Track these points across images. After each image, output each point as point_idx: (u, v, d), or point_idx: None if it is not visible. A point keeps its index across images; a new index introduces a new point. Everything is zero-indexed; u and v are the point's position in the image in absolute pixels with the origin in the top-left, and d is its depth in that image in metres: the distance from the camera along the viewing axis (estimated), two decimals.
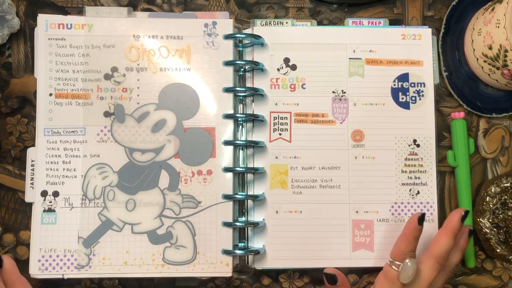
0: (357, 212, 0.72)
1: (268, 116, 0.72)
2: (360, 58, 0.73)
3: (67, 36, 0.71)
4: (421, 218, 0.66)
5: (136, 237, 0.70)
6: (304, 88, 0.73)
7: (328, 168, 0.72)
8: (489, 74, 0.71)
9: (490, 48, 0.68)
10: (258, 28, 0.73)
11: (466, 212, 0.67)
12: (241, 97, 0.73)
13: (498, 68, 0.69)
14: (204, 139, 0.71)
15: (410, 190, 0.73)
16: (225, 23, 0.72)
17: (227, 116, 0.71)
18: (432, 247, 0.66)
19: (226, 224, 0.70)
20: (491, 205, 0.72)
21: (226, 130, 0.71)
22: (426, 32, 0.74)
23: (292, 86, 0.73)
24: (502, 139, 0.76)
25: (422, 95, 0.73)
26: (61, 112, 0.71)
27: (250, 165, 0.72)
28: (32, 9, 0.75)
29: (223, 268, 0.70)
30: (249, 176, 0.72)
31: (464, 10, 0.75)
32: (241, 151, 0.72)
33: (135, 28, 0.72)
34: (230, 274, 0.70)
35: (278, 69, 0.73)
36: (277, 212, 0.72)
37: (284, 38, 0.73)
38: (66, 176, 0.70)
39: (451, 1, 0.75)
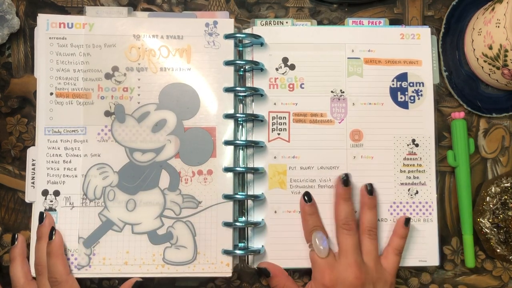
0: (356, 212, 0.72)
1: (267, 116, 0.72)
2: (359, 58, 0.73)
3: (68, 35, 0.71)
4: (307, 196, 0.71)
5: (137, 237, 0.70)
6: (303, 88, 0.73)
7: (326, 168, 0.72)
8: (489, 74, 0.71)
9: (490, 48, 0.68)
10: (258, 28, 0.73)
11: (346, 175, 0.70)
12: (241, 97, 0.73)
13: (498, 68, 0.69)
14: (204, 139, 0.71)
15: (409, 190, 0.73)
16: (226, 23, 0.72)
17: (228, 116, 0.71)
18: (335, 218, 0.70)
19: (226, 224, 0.70)
20: (491, 205, 0.72)
21: (227, 130, 0.71)
22: (425, 32, 0.74)
23: (291, 86, 0.73)
24: (502, 139, 0.76)
25: (421, 95, 0.73)
26: (62, 111, 0.71)
27: (250, 165, 0.72)
28: (32, 9, 0.75)
29: (224, 268, 0.70)
30: (249, 176, 0.72)
31: (464, 10, 0.75)
32: (241, 151, 0.72)
33: (136, 28, 0.72)
34: (230, 274, 0.70)
35: (277, 69, 0.73)
36: (275, 212, 0.72)
37: (283, 37, 0.73)
38: (67, 176, 0.70)
39: (451, 1, 0.75)
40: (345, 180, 0.70)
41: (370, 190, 0.71)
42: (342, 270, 0.66)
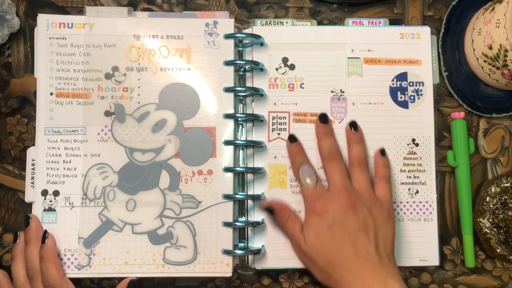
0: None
1: (267, 116, 0.72)
2: (359, 58, 0.73)
3: (68, 35, 0.71)
4: (291, 138, 0.71)
5: (137, 237, 0.70)
6: (303, 88, 0.73)
7: None
8: (489, 74, 0.71)
9: (490, 48, 0.68)
10: (258, 28, 0.73)
11: (323, 113, 0.72)
12: (241, 97, 0.73)
13: (498, 68, 0.69)
14: (204, 139, 0.71)
15: (409, 189, 0.73)
16: (226, 23, 0.72)
17: (228, 116, 0.71)
18: (320, 155, 0.71)
19: (227, 224, 0.70)
20: (491, 205, 0.72)
21: (227, 130, 0.71)
22: (424, 31, 0.74)
23: (291, 86, 0.73)
24: (502, 139, 0.76)
25: (421, 94, 0.73)
26: (62, 111, 0.71)
27: (250, 165, 0.72)
28: (32, 9, 0.75)
29: (224, 268, 0.70)
30: (249, 176, 0.72)
31: (464, 10, 0.75)
32: (241, 151, 0.72)
33: (136, 28, 0.72)
34: (230, 274, 0.70)
35: (277, 69, 0.73)
36: None
37: (282, 37, 0.73)
38: (67, 176, 0.70)
39: (451, 1, 0.75)
40: (323, 117, 0.71)
41: (354, 126, 0.71)
42: (331, 197, 0.66)
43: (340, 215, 0.65)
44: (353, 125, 0.71)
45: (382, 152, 0.72)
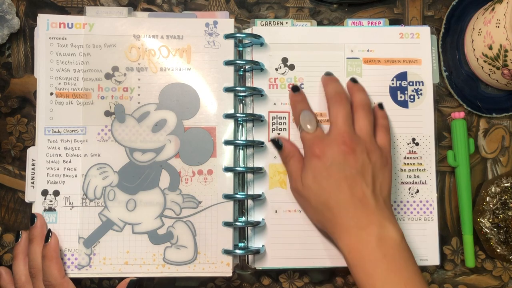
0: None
1: (267, 116, 0.72)
2: (358, 58, 0.73)
3: (68, 35, 0.71)
4: (294, 88, 0.72)
5: (137, 237, 0.70)
6: (302, 88, 0.73)
7: None
8: (489, 74, 0.71)
9: (490, 48, 0.68)
10: (258, 28, 0.73)
11: (328, 72, 0.73)
12: (241, 97, 0.73)
13: (498, 68, 0.69)
14: (204, 139, 0.71)
15: (409, 188, 0.73)
16: (226, 23, 0.72)
17: (228, 116, 0.71)
18: (326, 97, 0.71)
19: (227, 224, 0.70)
20: (491, 205, 0.72)
21: (227, 130, 0.71)
22: (424, 31, 0.74)
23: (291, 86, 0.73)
24: (502, 139, 0.76)
25: (421, 94, 0.73)
26: (62, 111, 0.71)
27: (250, 164, 0.72)
28: (32, 9, 0.75)
29: (224, 268, 0.70)
30: (249, 176, 0.72)
31: (464, 10, 0.75)
32: (241, 151, 0.72)
33: (136, 28, 0.72)
34: (230, 274, 0.70)
35: (277, 69, 0.73)
36: (276, 211, 0.72)
37: (282, 38, 0.73)
38: (67, 176, 0.70)
39: (451, 1, 0.75)
40: (328, 72, 0.73)
41: (354, 80, 0.72)
42: (331, 140, 0.66)
43: (339, 158, 0.64)
44: (354, 79, 0.72)
45: (380, 106, 0.72)
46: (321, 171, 0.65)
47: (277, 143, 0.70)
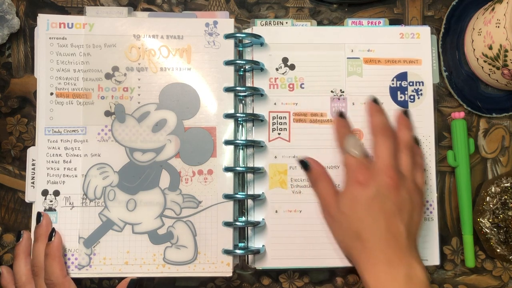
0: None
1: (267, 116, 0.72)
2: (358, 58, 0.73)
3: (68, 35, 0.71)
4: (341, 114, 0.71)
5: (137, 237, 0.70)
6: (303, 88, 0.73)
7: (327, 167, 0.72)
8: (489, 74, 0.71)
9: (490, 48, 0.68)
10: (258, 28, 0.73)
11: (375, 99, 0.72)
12: (241, 97, 0.73)
13: (498, 68, 0.69)
14: (204, 139, 0.71)
15: None
16: (226, 23, 0.72)
17: (228, 116, 0.71)
18: (370, 130, 0.70)
19: (227, 224, 0.70)
20: (491, 205, 0.72)
21: (227, 130, 0.71)
22: (424, 31, 0.74)
23: (291, 86, 0.73)
24: (502, 139, 0.76)
25: (421, 94, 0.73)
26: (62, 111, 0.71)
27: (250, 164, 0.72)
28: (32, 9, 0.75)
29: (224, 268, 0.70)
30: (249, 176, 0.72)
31: (464, 10, 0.75)
32: (241, 151, 0.72)
33: (136, 28, 0.72)
34: (230, 274, 0.70)
35: (277, 69, 0.73)
36: (276, 211, 0.72)
37: (282, 38, 0.73)
38: (67, 176, 0.70)
39: (451, 1, 0.75)
40: (375, 100, 0.71)
41: (406, 112, 0.71)
42: (377, 171, 0.65)
43: (383, 191, 0.64)
44: (405, 112, 0.71)
45: (417, 142, 0.71)
46: (361, 200, 0.64)
47: (305, 164, 0.70)
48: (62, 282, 0.67)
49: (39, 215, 0.69)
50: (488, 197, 0.72)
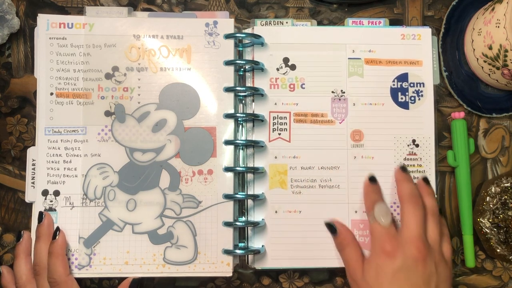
0: (356, 212, 0.72)
1: (268, 116, 0.72)
2: (360, 58, 0.73)
3: (68, 35, 0.71)
4: (372, 179, 0.70)
5: (137, 237, 0.70)
6: (304, 88, 0.73)
7: (327, 168, 0.72)
8: (489, 74, 0.71)
9: (490, 48, 0.68)
10: (258, 28, 0.73)
11: (403, 166, 0.70)
12: (241, 97, 0.73)
13: (498, 68, 0.69)
14: (204, 139, 0.71)
15: None
16: (226, 23, 0.72)
17: (228, 116, 0.71)
18: (399, 197, 0.68)
19: (227, 224, 0.70)
20: (491, 205, 0.72)
21: (227, 130, 0.71)
22: (425, 32, 0.74)
23: (292, 86, 0.73)
24: (502, 139, 0.76)
25: (422, 95, 0.73)
26: (62, 111, 0.71)
27: (250, 164, 0.72)
28: (32, 9, 0.75)
29: (224, 268, 0.70)
30: (249, 176, 0.72)
31: (464, 10, 0.75)
32: (241, 151, 0.72)
33: (136, 28, 0.72)
34: (231, 274, 0.70)
35: (278, 69, 0.73)
36: (276, 212, 0.72)
37: (283, 38, 0.73)
38: (67, 176, 0.70)
39: (451, 1, 0.75)
40: (404, 168, 0.70)
41: (426, 180, 0.70)
42: (404, 242, 0.64)
43: (410, 264, 0.63)
44: (426, 180, 0.70)
45: (440, 211, 0.70)
46: (387, 272, 0.63)
47: (332, 228, 0.68)
48: (65, 281, 0.67)
49: (40, 214, 0.69)
50: (488, 197, 0.72)
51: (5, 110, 0.74)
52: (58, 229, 0.69)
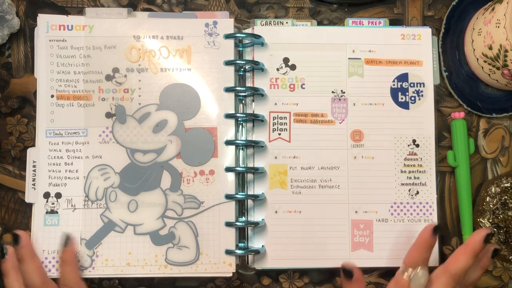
0: (356, 212, 0.72)
1: (268, 116, 0.72)
2: (360, 58, 0.74)
3: (68, 37, 0.71)
4: (436, 229, 0.66)
5: (139, 238, 0.70)
6: (304, 88, 0.73)
7: (327, 168, 0.72)
8: (489, 74, 0.71)
9: (490, 48, 0.68)
10: (258, 28, 0.73)
11: (490, 234, 0.65)
12: (241, 97, 0.73)
13: (498, 68, 0.69)
14: (205, 139, 0.71)
15: (409, 190, 0.73)
16: (226, 23, 0.72)
17: (228, 116, 0.71)
18: (449, 263, 0.66)
19: (227, 224, 0.70)
20: (491, 205, 0.72)
21: (228, 130, 0.71)
22: (425, 32, 0.74)
23: (292, 86, 0.73)
24: (502, 139, 0.76)
25: (422, 95, 0.73)
26: (63, 113, 0.71)
27: (250, 165, 0.72)
28: (32, 9, 0.74)
29: (226, 268, 0.70)
30: (249, 176, 0.72)
31: (464, 10, 0.75)
32: (241, 151, 0.72)
33: (136, 29, 0.72)
34: (232, 274, 0.70)
35: (278, 69, 0.73)
36: (276, 212, 0.72)
37: (283, 38, 0.73)
38: (69, 178, 0.70)
39: (451, 1, 0.75)
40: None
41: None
42: None
43: None
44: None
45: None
46: None
47: (349, 273, 0.66)
48: (77, 287, 0.67)
49: (15, 236, 0.68)
50: (488, 197, 0.73)
51: (5, 110, 0.74)
52: (68, 237, 0.68)
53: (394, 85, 0.73)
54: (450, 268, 0.65)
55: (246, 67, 0.73)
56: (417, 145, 0.73)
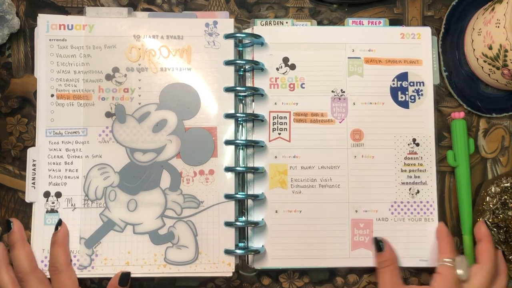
0: (356, 211, 0.72)
1: (268, 116, 0.72)
2: (359, 58, 0.74)
3: (68, 37, 0.71)
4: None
5: (138, 237, 0.70)
6: (303, 88, 0.73)
7: (327, 167, 0.72)
8: (489, 74, 0.71)
9: (490, 48, 0.68)
10: (258, 28, 0.73)
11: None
12: (241, 97, 0.73)
13: (498, 68, 0.69)
14: (205, 139, 0.71)
15: (409, 189, 0.73)
16: (226, 23, 0.72)
17: (228, 116, 0.71)
18: (482, 257, 0.69)
19: (227, 224, 0.70)
20: (491, 205, 0.72)
21: (228, 130, 0.71)
22: (425, 31, 0.74)
23: (291, 86, 0.73)
24: (502, 139, 0.76)
25: (421, 94, 0.73)
26: (63, 113, 0.71)
27: (250, 164, 0.72)
28: (32, 9, 0.75)
29: (225, 267, 0.70)
30: (249, 176, 0.72)
31: (464, 10, 0.75)
32: (241, 151, 0.72)
33: (136, 28, 0.72)
34: (232, 274, 0.70)
35: (277, 69, 0.73)
36: (276, 211, 0.72)
37: (283, 37, 0.73)
38: (69, 177, 0.70)
39: (451, 1, 0.75)
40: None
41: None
42: None
43: None
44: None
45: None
46: None
47: (378, 245, 0.69)
48: (66, 269, 0.67)
49: (8, 222, 0.70)
50: (488, 197, 0.73)
51: (5, 110, 0.74)
52: (60, 221, 0.69)
53: (394, 84, 0.73)
54: (483, 263, 0.68)
55: (246, 67, 0.73)
56: (417, 144, 0.73)
